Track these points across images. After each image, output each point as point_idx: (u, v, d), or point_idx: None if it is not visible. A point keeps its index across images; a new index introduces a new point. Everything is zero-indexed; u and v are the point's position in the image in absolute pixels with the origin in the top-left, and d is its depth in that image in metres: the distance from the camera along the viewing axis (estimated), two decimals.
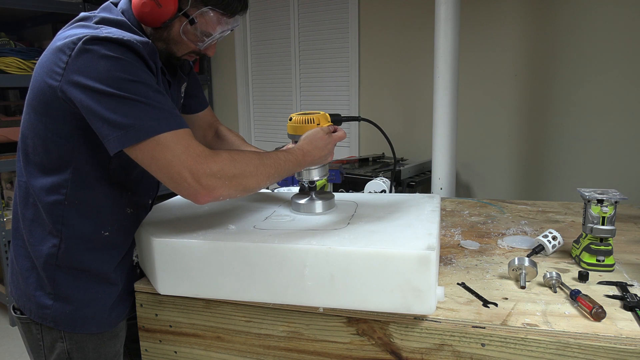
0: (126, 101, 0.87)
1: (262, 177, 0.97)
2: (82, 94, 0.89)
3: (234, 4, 1.03)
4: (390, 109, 3.34)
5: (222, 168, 0.92)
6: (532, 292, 1.02)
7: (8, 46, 3.00)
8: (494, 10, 2.84)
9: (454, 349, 0.92)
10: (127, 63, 0.90)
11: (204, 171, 0.89)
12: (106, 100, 0.87)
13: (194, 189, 0.90)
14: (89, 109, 0.89)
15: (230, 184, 0.93)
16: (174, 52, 1.07)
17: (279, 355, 1.05)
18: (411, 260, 0.89)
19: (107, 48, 0.89)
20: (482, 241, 1.33)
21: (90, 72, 0.88)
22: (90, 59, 0.88)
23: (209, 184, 0.90)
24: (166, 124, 0.89)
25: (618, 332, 0.85)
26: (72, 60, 0.89)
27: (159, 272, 1.05)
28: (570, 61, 2.65)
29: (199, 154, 0.90)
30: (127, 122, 0.87)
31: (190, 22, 1.01)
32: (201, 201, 0.92)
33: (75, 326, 1.05)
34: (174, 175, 0.89)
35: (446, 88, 2.34)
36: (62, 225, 1.01)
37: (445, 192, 2.45)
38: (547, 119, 2.77)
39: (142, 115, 0.88)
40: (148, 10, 0.98)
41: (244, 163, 0.96)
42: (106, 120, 0.88)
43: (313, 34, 3.64)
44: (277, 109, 3.98)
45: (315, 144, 1.09)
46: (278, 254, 0.96)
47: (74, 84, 0.89)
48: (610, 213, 1.10)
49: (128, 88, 0.88)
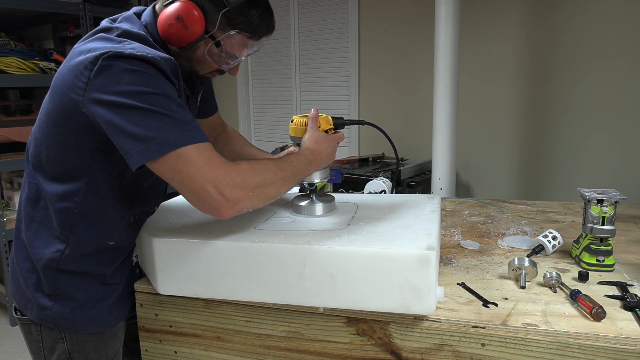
0: (148, 114, 0.86)
1: (281, 183, 0.97)
2: (104, 109, 0.87)
3: (261, 27, 1.02)
4: (391, 109, 3.34)
5: (245, 179, 0.91)
6: (532, 292, 1.02)
7: (8, 46, 3.00)
8: (494, 10, 2.84)
9: (454, 349, 0.92)
10: (149, 76, 0.89)
11: (227, 182, 0.88)
12: (128, 113, 0.86)
13: (217, 202, 0.88)
14: (111, 123, 0.87)
15: (253, 194, 0.92)
16: (197, 70, 1.07)
17: (279, 355, 1.05)
18: (411, 260, 0.89)
19: (130, 63, 0.88)
20: (482, 241, 1.33)
21: (112, 87, 0.87)
22: (112, 74, 0.87)
23: (233, 195, 0.89)
24: (189, 137, 0.88)
25: (618, 332, 0.85)
26: (93, 76, 0.88)
27: (159, 272, 1.05)
28: (570, 61, 2.65)
29: (221, 165, 0.89)
30: (150, 134, 0.86)
31: (216, 44, 1.01)
32: (225, 214, 0.90)
33: (75, 326, 1.05)
34: (197, 189, 0.88)
35: (446, 88, 2.34)
36: (70, 232, 1.01)
37: (445, 192, 2.45)
38: (547, 118, 2.77)
39: (165, 127, 0.87)
40: (174, 32, 0.97)
41: (263, 171, 0.95)
42: (129, 134, 0.86)
43: (313, 34, 3.64)
44: (277, 109, 3.98)
45: (319, 142, 1.09)
46: (278, 254, 0.96)
47: (96, 101, 0.88)
48: (610, 213, 1.10)
49: (150, 100, 0.87)
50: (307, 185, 1.18)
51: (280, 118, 3.97)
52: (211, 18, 0.98)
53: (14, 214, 2.99)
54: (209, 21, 0.98)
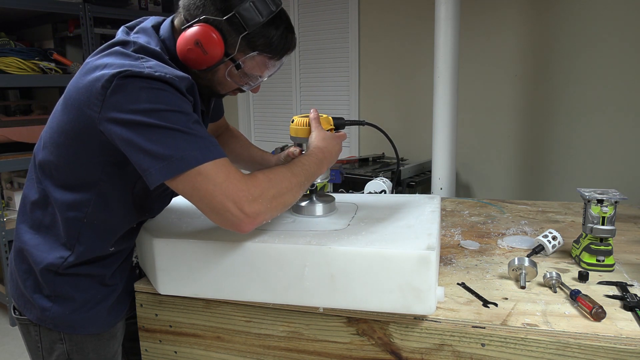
0: (166, 131, 0.85)
1: (296, 190, 0.97)
2: (121, 128, 0.86)
3: (282, 47, 1.00)
4: (391, 109, 3.34)
5: (263, 192, 0.90)
6: (532, 292, 1.02)
7: (8, 46, 2.99)
8: (494, 10, 2.84)
9: (454, 349, 0.92)
10: (166, 94, 0.87)
11: (247, 198, 0.88)
12: (146, 131, 0.85)
13: (238, 218, 0.88)
14: (129, 142, 0.86)
15: (272, 205, 0.91)
16: (218, 91, 1.07)
17: (279, 355, 1.05)
18: (411, 261, 0.89)
19: (147, 82, 0.87)
20: (482, 241, 1.33)
21: (129, 106, 0.86)
22: (129, 92, 0.86)
23: (253, 210, 0.88)
24: (207, 154, 0.87)
25: (618, 332, 0.85)
26: (110, 94, 0.86)
27: (159, 272, 1.05)
28: (570, 61, 2.65)
29: (239, 180, 0.88)
30: (169, 153, 0.85)
31: (237, 66, 0.99)
32: (246, 229, 0.90)
33: (75, 327, 1.05)
34: (217, 206, 0.87)
35: (446, 88, 2.34)
36: (76, 241, 1.01)
37: (445, 192, 2.45)
38: (547, 119, 2.77)
39: (184, 145, 0.86)
40: (194, 57, 0.95)
41: (279, 181, 0.94)
42: (147, 152, 0.86)
43: (313, 34, 3.64)
44: (277, 109, 3.98)
45: (327, 141, 1.09)
46: (278, 253, 0.96)
47: (112, 120, 0.87)
48: (610, 213, 1.10)
49: (168, 118, 0.86)
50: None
51: (280, 118, 3.97)
52: (231, 41, 0.96)
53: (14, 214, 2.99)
54: (228, 44, 0.96)
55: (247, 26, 0.94)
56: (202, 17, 0.94)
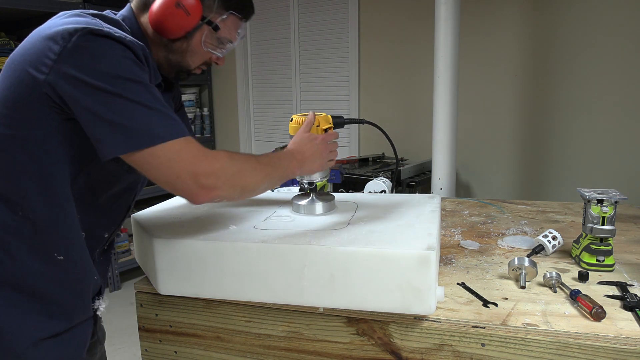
0: (129, 103, 0.82)
1: (259, 175, 0.95)
2: (79, 90, 0.81)
3: (249, 6, 1.04)
4: (391, 109, 3.34)
5: (223, 167, 0.89)
6: (532, 292, 1.02)
7: (8, 46, 3.00)
8: (494, 10, 2.84)
9: (454, 349, 0.92)
10: (129, 62, 0.84)
11: (205, 170, 0.87)
12: (108, 100, 0.81)
13: (191, 189, 0.87)
14: (86, 108, 0.81)
15: (229, 183, 0.90)
16: (189, 64, 1.04)
17: (279, 355, 1.05)
18: (411, 261, 0.89)
19: (109, 44, 0.83)
20: (482, 241, 1.33)
21: (91, 68, 0.81)
22: (92, 53, 0.81)
23: (209, 182, 0.87)
24: (170, 131, 0.85)
25: (618, 332, 0.85)
26: (67, 52, 0.81)
27: (159, 272, 1.05)
28: (570, 61, 2.65)
29: (200, 153, 0.88)
30: (132, 126, 0.82)
31: (214, 28, 0.99)
32: (199, 201, 0.89)
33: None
34: (172, 177, 0.86)
35: (446, 88, 2.33)
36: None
37: (445, 192, 2.45)
38: (547, 118, 2.77)
39: (147, 120, 0.83)
40: (175, 20, 0.93)
41: (242, 161, 0.94)
42: (107, 122, 0.82)
43: (313, 34, 3.64)
44: (277, 109, 3.98)
45: (301, 143, 1.07)
46: (278, 253, 0.96)
47: (69, 77, 0.81)
48: (610, 213, 1.10)
49: (131, 89, 0.83)
50: (307, 184, 1.18)
51: (280, 118, 3.97)
52: (207, 1, 0.97)
53: None
54: (205, 5, 0.97)
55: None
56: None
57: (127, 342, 2.65)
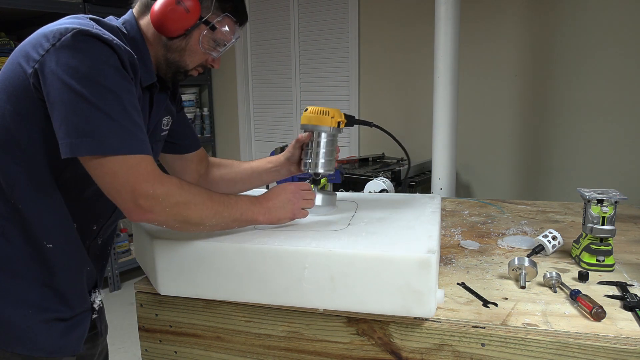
0: (94, 110, 0.83)
1: (207, 212, 0.94)
2: (53, 86, 0.84)
3: (242, 13, 1.08)
4: (391, 109, 3.34)
5: (167, 193, 0.89)
6: (532, 292, 1.02)
7: (8, 46, 2.99)
8: (494, 10, 2.84)
9: (454, 349, 0.92)
10: (112, 71, 0.87)
11: (147, 192, 0.86)
12: (75, 101, 0.83)
13: (128, 207, 0.87)
14: (54, 104, 0.84)
15: (169, 210, 0.90)
16: (187, 64, 1.06)
17: (279, 355, 1.05)
18: (411, 264, 0.89)
19: (95, 46, 0.86)
20: (482, 241, 1.33)
21: (70, 66, 0.84)
22: (75, 52, 0.84)
23: (147, 205, 0.87)
24: (125, 145, 0.86)
25: (618, 332, 0.85)
26: (54, 48, 0.85)
27: (159, 272, 1.05)
28: (570, 61, 2.65)
29: (148, 175, 0.88)
30: (88, 130, 0.83)
31: (212, 28, 1.03)
32: (133, 219, 0.89)
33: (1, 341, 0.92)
34: (112, 190, 0.87)
35: (446, 88, 2.34)
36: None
37: (445, 192, 2.45)
38: (547, 118, 2.77)
39: (105, 130, 0.84)
40: (176, 17, 0.97)
41: (192, 194, 0.93)
42: (68, 122, 0.83)
43: (313, 34, 3.64)
44: (277, 109, 3.98)
45: (272, 190, 1.08)
46: (278, 255, 0.96)
47: (50, 72, 0.84)
48: (610, 213, 1.10)
49: (102, 96, 0.84)
50: (313, 175, 1.19)
51: (280, 118, 3.97)
52: (205, 3, 1.01)
53: None
54: (203, 6, 1.01)
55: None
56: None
57: (127, 342, 2.65)
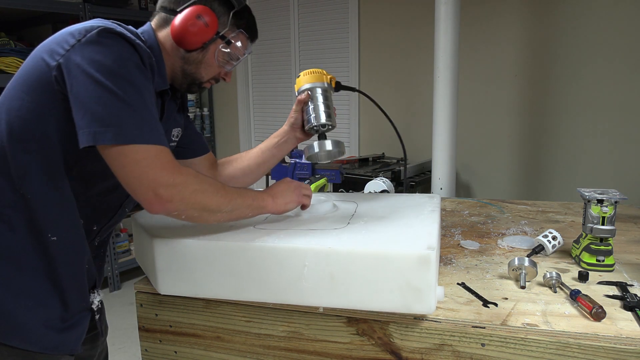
0: (117, 101, 0.86)
1: (222, 199, 0.97)
2: (77, 78, 0.86)
3: (254, 30, 1.16)
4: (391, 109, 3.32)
5: (185, 182, 0.91)
6: (532, 292, 1.02)
7: (8, 46, 2.99)
8: (494, 10, 2.84)
9: (454, 349, 0.92)
10: (133, 66, 0.90)
11: (166, 182, 0.88)
12: (99, 92, 0.85)
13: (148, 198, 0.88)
14: (78, 95, 0.86)
15: (188, 199, 0.91)
16: (202, 76, 1.10)
17: (279, 355, 1.05)
18: (411, 260, 0.89)
19: (119, 43, 0.89)
20: (482, 241, 1.33)
21: (94, 60, 0.87)
22: (99, 48, 0.88)
23: (166, 194, 0.88)
24: (145, 136, 0.88)
25: (618, 332, 0.85)
26: (80, 44, 0.88)
27: (159, 272, 1.05)
28: (570, 61, 2.65)
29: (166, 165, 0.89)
30: (109, 121, 0.85)
31: (227, 42, 1.09)
32: (153, 211, 0.90)
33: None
34: (132, 180, 0.88)
35: (446, 88, 2.34)
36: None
37: (445, 192, 2.45)
38: (547, 118, 2.77)
39: (127, 120, 0.86)
40: (195, 30, 1.02)
41: (207, 183, 0.95)
42: (90, 112, 0.85)
43: (313, 34, 3.64)
44: (277, 109, 3.98)
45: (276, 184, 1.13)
46: (278, 253, 0.96)
47: (74, 65, 0.87)
48: (610, 213, 1.10)
49: (125, 89, 0.87)
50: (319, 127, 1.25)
51: (280, 118, 3.97)
52: (222, 19, 1.07)
53: None
54: (220, 22, 1.06)
55: (237, 4, 1.08)
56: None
57: (127, 342, 2.65)
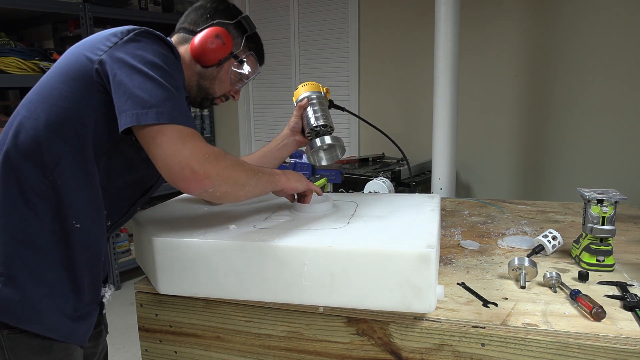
0: (159, 86, 0.92)
1: (250, 172, 1.00)
2: (120, 69, 0.92)
3: (263, 55, 1.26)
4: (391, 109, 3.34)
5: (218, 157, 0.94)
6: (532, 292, 1.02)
7: (8, 46, 2.99)
8: (494, 10, 2.84)
9: (454, 349, 0.92)
10: (171, 61, 0.97)
11: (202, 157, 0.91)
12: (141, 79, 0.91)
13: (185, 173, 0.90)
14: (121, 83, 0.91)
15: (223, 173, 0.94)
16: (215, 91, 1.18)
17: (279, 355, 1.05)
18: (411, 259, 0.89)
19: (157, 43, 0.98)
20: (482, 241, 1.33)
21: (136, 54, 0.93)
22: (140, 44, 0.95)
23: (203, 170, 0.91)
24: (186, 120, 0.93)
25: (618, 332, 0.85)
26: (122, 42, 0.95)
27: (159, 272, 1.05)
28: (570, 61, 2.65)
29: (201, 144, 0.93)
30: (153, 103, 0.90)
31: (240, 62, 1.18)
32: (189, 187, 0.92)
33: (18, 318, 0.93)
34: (170, 158, 0.90)
35: (446, 88, 2.34)
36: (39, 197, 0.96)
37: (445, 192, 2.45)
38: (547, 119, 2.77)
39: (168, 103, 0.91)
40: (213, 48, 1.11)
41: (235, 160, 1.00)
42: (134, 96, 0.90)
43: (313, 34, 3.64)
44: (277, 109, 3.99)
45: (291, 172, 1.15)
46: (278, 252, 0.96)
47: (116, 59, 0.93)
48: (610, 213, 1.10)
49: (166, 78, 0.93)
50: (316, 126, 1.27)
51: (280, 118, 3.97)
52: (236, 40, 1.17)
53: None
54: (234, 43, 1.16)
55: (249, 29, 1.19)
56: (215, 21, 1.14)
57: (127, 342, 2.65)
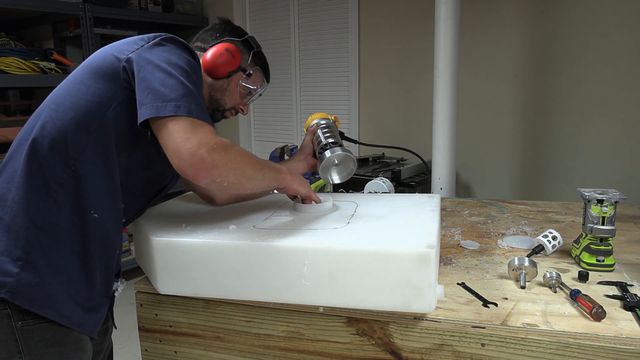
0: (180, 84, 0.96)
1: (257, 165, 1.02)
2: (145, 67, 0.97)
3: (268, 72, 1.33)
4: (391, 109, 3.34)
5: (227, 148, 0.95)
6: (532, 292, 1.02)
7: (8, 46, 2.99)
8: (494, 10, 2.84)
9: (454, 349, 0.92)
10: (193, 65, 1.02)
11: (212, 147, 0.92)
12: (163, 76, 0.96)
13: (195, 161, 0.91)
14: (144, 79, 0.96)
15: (231, 164, 0.95)
16: (225, 103, 1.23)
17: (279, 355, 1.05)
18: (411, 259, 0.89)
19: (181, 48, 1.03)
20: (482, 241, 1.33)
21: (161, 55, 0.99)
22: (165, 48, 1.01)
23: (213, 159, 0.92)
24: (202, 114, 0.96)
25: (618, 332, 0.85)
26: (149, 45, 1.01)
27: (159, 272, 1.05)
28: (570, 61, 2.65)
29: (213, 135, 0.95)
30: (172, 96, 0.94)
31: (248, 75, 1.24)
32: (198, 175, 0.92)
33: (33, 302, 0.93)
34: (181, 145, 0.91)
35: (446, 88, 2.33)
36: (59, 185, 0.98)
37: (445, 192, 2.45)
38: (547, 118, 2.77)
39: (188, 98, 0.95)
40: (224, 60, 1.17)
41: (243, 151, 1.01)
42: (155, 90, 0.94)
43: (313, 34, 3.64)
44: (277, 109, 3.98)
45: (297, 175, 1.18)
46: (278, 252, 0.96)
47: (143, 58, 0.99)
48: (610, 213, 1.10)
49: (188, 78, 0.98)
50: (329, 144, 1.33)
51: (280, 118, 3.97)
52: (244, 55, 1.24)
53: None
54: (243, 57, 1.23)
55: (255, 46, 1.27)
56: (224, 38, 1.22)
57: (127, 342, 2.65)
